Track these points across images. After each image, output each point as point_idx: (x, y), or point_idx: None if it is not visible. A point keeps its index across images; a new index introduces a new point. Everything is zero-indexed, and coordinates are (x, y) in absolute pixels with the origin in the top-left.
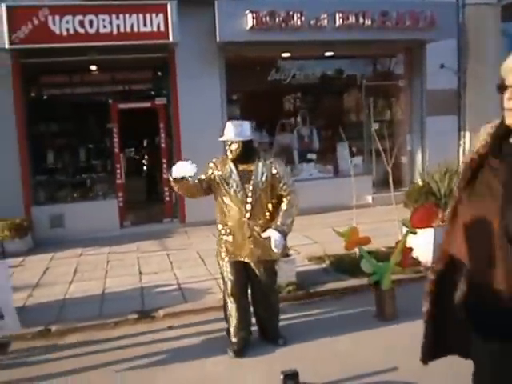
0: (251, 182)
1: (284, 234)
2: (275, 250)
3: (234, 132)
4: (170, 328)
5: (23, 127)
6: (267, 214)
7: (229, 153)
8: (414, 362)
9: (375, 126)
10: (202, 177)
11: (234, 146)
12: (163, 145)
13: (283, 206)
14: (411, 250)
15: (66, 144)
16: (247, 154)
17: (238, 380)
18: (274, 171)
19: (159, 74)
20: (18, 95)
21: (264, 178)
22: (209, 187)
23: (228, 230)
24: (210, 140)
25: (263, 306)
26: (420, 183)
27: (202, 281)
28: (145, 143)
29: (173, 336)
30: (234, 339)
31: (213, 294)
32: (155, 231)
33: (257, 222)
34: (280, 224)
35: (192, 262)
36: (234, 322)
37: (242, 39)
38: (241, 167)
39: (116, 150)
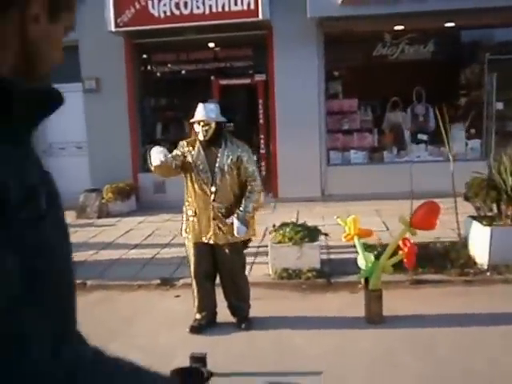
0: (217, 164)
1: (245, 221)
2: (237, 236)
3: (210, 113)
4: (177, 297)
5: (133, 102)
6: (232, 196)
7: (200, 134)
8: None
9: (499, 105)
10: (177, 154)
11: (206, 128)
12: (261, 121)
13: (246, 191)
14: (415, 248)
15: (172, 117)
16: (217, 135)
17: (174, 353)
18: (240, 154)
19: (258, 51)
20: (129, 72)
21: (229, 161)
22: (182, 166)
23: (194, 211)
24: (305, 117)
25: (231, 290)
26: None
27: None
28: (244, 119)
29: (167, 304)
30: (195, 316)
31: None
32: None
33: (222, 204)
34: (241, 211)
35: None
36: (195, 301)
37: (334, 14)
38: (208, 149)
39: None
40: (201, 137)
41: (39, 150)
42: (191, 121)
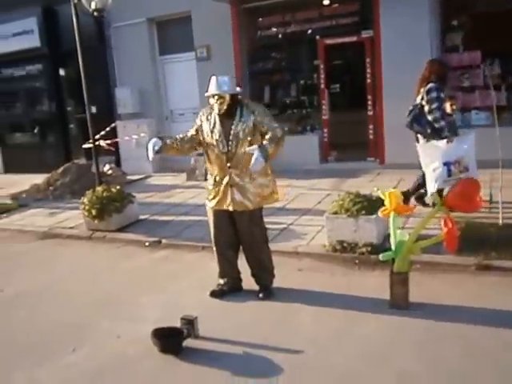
0: (231, 132)
1: (265, 154)
2: (251, 168)
3: (223, 86)
4: None
5: (240, 66)
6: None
7: (215, 108)
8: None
9: None
10: (192, 131)
11: (221, 101)
12: (368, 80)
13: (266, 136)
14: (456, 230)
15: (279, 80)
16: (232, 107)
17: (186, 313)
18: (255, 119)
19: (364, 6)
20: (236, 38)
21: (244, 127)
22: (197, 140)
23: (214, 179)
24: (413, 77)
25: (251, 259)
26: None
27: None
28: (350, 79)
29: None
30: (218, 281)
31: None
32: (352, 169)
33: (239, 170)
34: (264, 144)
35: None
36: (218, 268)
37: None
38: (224, 120)
39: (322, 86)
40: (216, 110)
41: (163, 116)
42: (206, 94)
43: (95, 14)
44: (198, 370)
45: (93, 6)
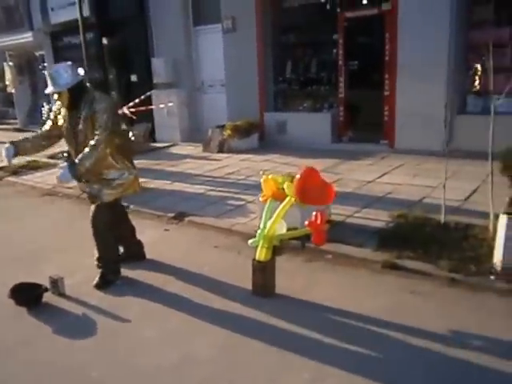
0: (77, 122)
1: (71, 169)
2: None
3: (59, 81)
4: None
5: (262, 40)
6: None
7: (59, 103)
8: None
9: None
10: (49, 123)
11: (57, 96)
12: (387, 58)
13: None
14: (324, 224)
15: (299, 56)
16: (77, 98)
17: None
18: (94, 109)
19: None
20: (258, 10)
21: (86, 117)
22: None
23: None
24: (428, 56)
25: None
26: None
27: None
28: (368, 56)
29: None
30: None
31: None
32: (362, 151)
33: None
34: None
35: None
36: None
37: None
38: (70, 113)
39: (340, 63)
40: (59, 106)
41: (194, 87)
42: (45, 92)
43: None
44: (35, 324)
45: None
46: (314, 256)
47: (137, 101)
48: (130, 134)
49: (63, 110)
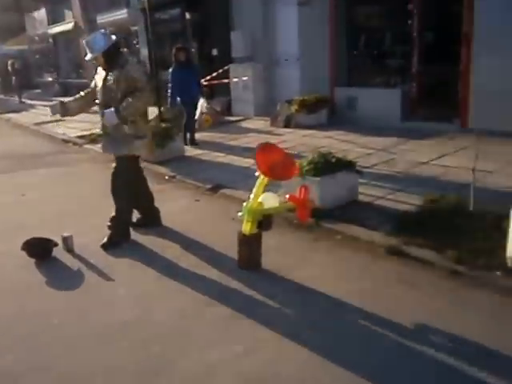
0: (107, 85)
1: (116, 113)
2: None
3: (89, 49)
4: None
5: (335, 14)
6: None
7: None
8: None
9: None
10: (93, 83)
11: (95, 60)
12: (463, 29)
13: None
14: (307, 201)
15: (372, 29)
16: (111, 61)
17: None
18: (128, 71)
19: None
20: None
21: (117, 76)
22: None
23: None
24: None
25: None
26: None
27: None
28: (445, 27)
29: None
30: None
31: None
32: (432, 130)
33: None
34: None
35: None
36: None
37: None
38: (108, 72)
39: (414, 34)
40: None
41: (270, 61)
42: (86, 59)
43: None
44: (35, 273)
45: None
46: (323, 235)
47: (214, 74)
48: (205, 106)
49: (99, 69)
